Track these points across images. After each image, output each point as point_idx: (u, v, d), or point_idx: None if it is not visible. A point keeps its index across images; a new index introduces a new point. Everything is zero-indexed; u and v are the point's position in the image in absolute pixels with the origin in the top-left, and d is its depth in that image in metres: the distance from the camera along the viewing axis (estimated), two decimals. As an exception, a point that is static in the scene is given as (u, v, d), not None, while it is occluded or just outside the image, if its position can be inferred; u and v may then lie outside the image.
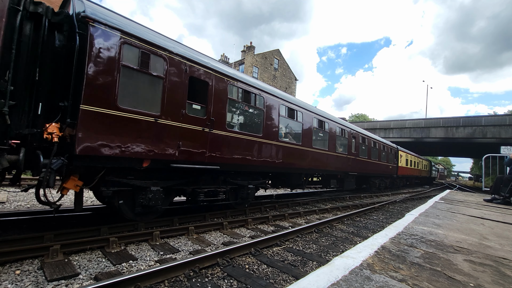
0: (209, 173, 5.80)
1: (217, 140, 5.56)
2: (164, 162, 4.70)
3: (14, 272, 2.94)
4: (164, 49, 4.64)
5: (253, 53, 35.04)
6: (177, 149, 4.81)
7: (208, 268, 3.33)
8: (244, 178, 6.70)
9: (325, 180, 11.27)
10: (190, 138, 5.04)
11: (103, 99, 3.83)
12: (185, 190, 5.46)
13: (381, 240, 2.33)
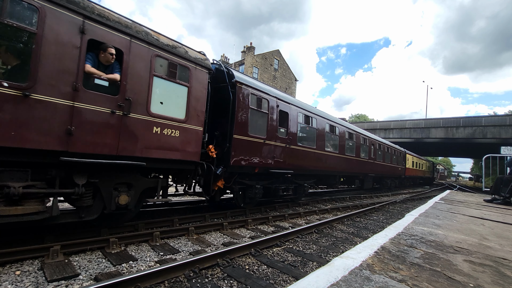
0: (285, 176, 7.84)
1: (293, 153, 7.82)
2: (265, 168, 6.90)
3: (14, 272, 2.94)
4: (266, 93, 6.95)
5: (253, 53, 35.06)
6: (273, 160, 7.07)
7: (208, 268, 3.33)
8: (302, 179, 8.82)
9: (349, 180, 13.40)
10: (279, 152, 7.31)
11: (242, 130, 6.14)
12: (270, 187, 7.55)
13: (381, 240, 2.33)
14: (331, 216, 7.63)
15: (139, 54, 4.15)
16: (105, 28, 3.80)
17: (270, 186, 7.47)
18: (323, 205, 9.58)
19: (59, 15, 3.37)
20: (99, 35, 3.75)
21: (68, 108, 3.41)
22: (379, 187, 17.85)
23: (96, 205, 4.01)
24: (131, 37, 4.07)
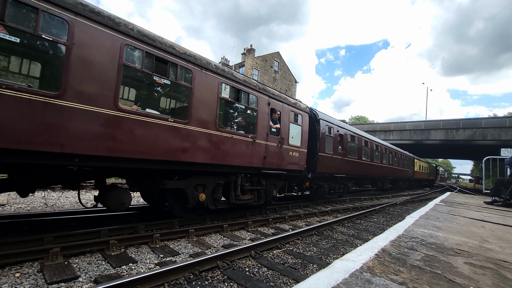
0: (338, 178, 11.07)
1: (345, 162, 11.15)
2: (331, 174, 10.10)
3: (14, 274, 2.94)
4: (332, 123, 10.17)
5: (253, 55, 35.15)
6: (335, 168, 10.25)
7: (208, 271, 3.32)
8: (347, 181, 12.24)
9: (373, 182, 16.59)
10: (338, 162, 10.53)
11: (323, 149, 9.29)
12: (331, 186, 10.78)
13: (381, 243, 2.33)
14: (331, 218, 7.62)
15: (286, 111, 7.46)
16: (276, 101, 7.11)
17: (331, 186, 10.74)
18: (323, 207, 9.56)
19: (263, 99, 6.66)
20: (273, 105, 7.01)
21: (264, 145, 6.69)
22: (391, 187, 20.82)
23: (265, 195, 7.14)
24: (283, 103, 7.39)
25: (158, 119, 4.45)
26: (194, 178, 5.39)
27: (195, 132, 4.99)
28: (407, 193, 20.40)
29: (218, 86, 5.44)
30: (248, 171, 6.41)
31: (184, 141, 4.81)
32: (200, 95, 5.10)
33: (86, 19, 3.68)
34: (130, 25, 4.19)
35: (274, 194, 7.44)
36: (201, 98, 5.10)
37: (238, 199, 6.27)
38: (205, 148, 5.18)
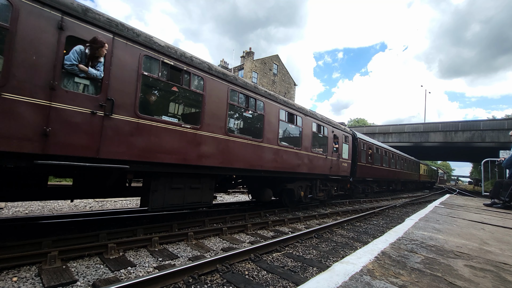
0: (369, 181, 15.10)
1: (373, 168, 14.65)
2: (364, 177, 13.42)
3: (11, 279, 2.91)
4: (366, 141, 13.54)
5: (252, 58, 35.29)
6: (366, 173, 13.55)
7: (208, 274, 3.30)
8: (373, 183, 15.91)
9: (389, 184, 20.06)
10: (368, 169, 13.84)
11: (360, 159, 12.70)
12: (365, 188, 14.71)
13: (381, 245, 2.32)
14: (330, 220, 7.60)
15: (341, 135, 10.63)
16: (336, 129, 10.32)
17: (362, 187, 14.50)
18: (323, 210, 9.54)
19: (329, 129, 10.06)
20: (335, 132, 10.33)
21: (330, 160, 9.94)
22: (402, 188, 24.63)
23: (328, 194, 10.40)
24: (339, 130, 10.59)
25: (293, 148, 7.83)
26: (298, 182, 8.56)
27: (302, 154, 8.23)
28: (407, 195, 20.43)
29: (312, 124, 8.81)
30: (321, 177, 9.69)
31: (299, 160, 8.13)
32: (306, 132, 8.49)
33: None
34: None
35: (333, 193, 10.93)
36: (307, 133, 8.50)
37: (317, 196, 9.65)
38: (306, 163, 8.41)
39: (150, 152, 4.32)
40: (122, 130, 3.99)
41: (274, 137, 6.98)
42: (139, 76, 4.17)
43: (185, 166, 4.91)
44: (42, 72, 3.26)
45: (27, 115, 3.15)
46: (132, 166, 4.15)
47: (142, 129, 4.22)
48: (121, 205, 7.84)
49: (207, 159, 5.23)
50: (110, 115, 3.83)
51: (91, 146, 3.65)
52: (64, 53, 3.49)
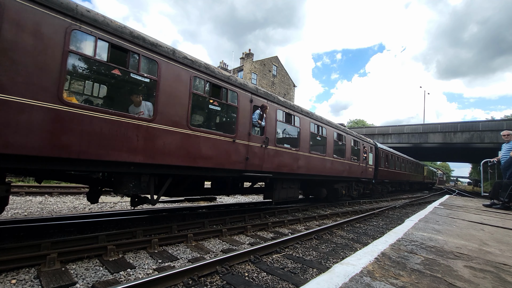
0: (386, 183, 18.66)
1: (390, 172, 17.81)
2: (382, 179, 16.82)
3: (10, 281, 2.90)
4: (384, 149, 17.01)
5: (251, 60, 35.34)
6: (384, 176, 16.68)
7: (207, 276, 3.29)
8: (388, 184, 19.20)
9: (400, 185, 23.71)
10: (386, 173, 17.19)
11: (380, 164, 15.54)
12: (383, 188, 18.18)
13: (381, 246, 2.32)
14: (330, 222, 7.60)
15: (368, 146, 13.76)
16: (365, 143, 13.56)
17: (381, 188, 17.66)
18: (323, 211, 9.54)
19: (362, 143, 13.16)
20: (364, 145, 13.24)
21: (362, 165, 12.89)
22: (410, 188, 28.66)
23: (359, 192, 13.85)
24: (369, 143, 14.04)
25: (340, 159, 10.49)
26: (341, 183, 11.60)
27: (345, 162, 10.97)
28: (406, 196, 20.44)
29: (351, 140, 11.64)
30: (355, 180, 12.68)
31: (344, 167, 10.85)
32: (348, 146, 11.19)
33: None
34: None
35: (361, 192, 14.06)
36: (348, 147, 11.23)
37: (352, 194, 12.82)
38: (347, 169, 11.13)
39: (280, 166, 7.23)
40: (270, 154, 6.92)
41: (330, 152, 9.88)
42: (276, 122, 7.14)
43: (291, 174, 7.76)
44: (247, 128, 6.18)
45: (243, 151, 6.10)
46: (274, 174, 7.08)
47: (279, 153, 7.22)
48: (120, 206, 7.82)
49: (299, 169, 8.01)
50: (266, 147, 6.74)
51: (260, 164, 6.60)
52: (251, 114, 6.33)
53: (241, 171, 6.11)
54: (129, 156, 4.07)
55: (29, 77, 3.18)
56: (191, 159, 4.95)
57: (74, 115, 3.52)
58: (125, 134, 4.02)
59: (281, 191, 7.69)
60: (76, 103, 3.73)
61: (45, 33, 3.31)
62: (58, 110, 3.40)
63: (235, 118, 5.90)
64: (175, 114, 4.66)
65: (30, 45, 3.20)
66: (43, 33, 3.30)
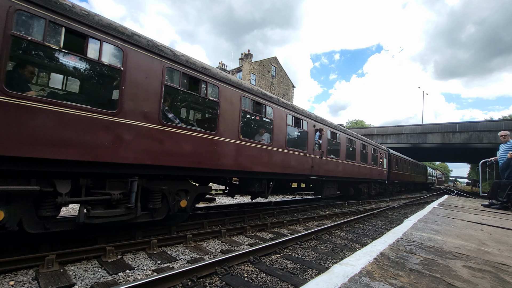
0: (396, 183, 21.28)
1: (399, 174, 20.42)
2: (393, 180, 19.20)
3: (8, 283, 2.89)
4: (394, 154, 19.28)
5: (250, 60, 35.37)
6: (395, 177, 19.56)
7: (206, 277, 3.29)
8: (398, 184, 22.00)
9: (406, 185, 25.83)
10: (396, 175, 19.68)
11: (391, 168, 18.07)
12: (393, 188, 21.00)
13: (380, 247, 2.32)
14: (329, 222, 7.60)
15: (383, 153, 16.36)
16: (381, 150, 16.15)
17: (392, 188, 19.98)
18: (322, 211, 9.54)
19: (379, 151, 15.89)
20: (380, 152, 15.58)
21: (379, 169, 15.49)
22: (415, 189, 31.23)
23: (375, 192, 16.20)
24: (383, 150, 16.30)
25: (365, 164, 12.91)
26: (364, 184, 13.74)
27: (368, 167, 13.34)
28: (405, 196, 20.49)
29: (371, 149, 13.97)
30: (374, 181, 15.03)
31: (366, 170, 13.20)
32: (369, 154, 13.47)
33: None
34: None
35: (377, 191, 16.26)
36: (369, 155, 13.55)
37: (371, 193, 14.98)
38: (368, 172, 13.48)
39: (328, 171, 9.51)
40: (323, 163, 9.14)
41: (358, 158, 12.12)
42: (327, 139, 9.47)
43: (333, 177, 10.06)
44: (312, 145, 8.43)
45: (310, 162, 8.30)
46: (326, 178, 9.48)
47: (328, 162, 9.48)
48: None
49: (338, 173, 10.28)
50: (322, 158, 8.97)
51: (318, 170, 8.82)
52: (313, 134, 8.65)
53: (309, 175, 8.46)
54: (261, 168, 6.47)
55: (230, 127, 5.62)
56: (285, 168, 7.26)
57: (246, 147, 6.03)
58: (260, 154, 6.42)
59: (327, 190, 10.16)
60: (246, 139, 6.01)
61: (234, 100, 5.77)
62: (238, 144, 5.83)
63: (307, 139, 8.32)
64: (280, 140, 7.04)
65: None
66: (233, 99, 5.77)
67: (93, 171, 3.76)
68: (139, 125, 4.09)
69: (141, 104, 4.13)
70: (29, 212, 3.36)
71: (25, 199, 3.29)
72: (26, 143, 3.10)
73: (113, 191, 3.93)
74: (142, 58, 4.19)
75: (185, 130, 4.75)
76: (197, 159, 4.91)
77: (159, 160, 4.34)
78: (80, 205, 3.72)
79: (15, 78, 3.29)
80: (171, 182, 4.84)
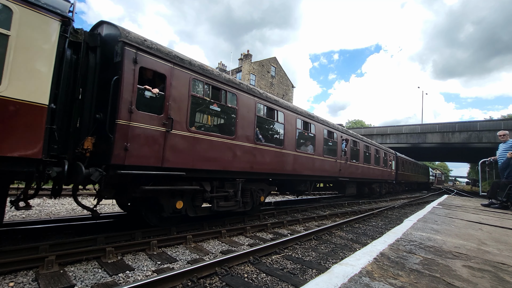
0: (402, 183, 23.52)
1: (405, 175, 22.94)
2: (400, 180, 21.70)
3: (8, 284, 2.88)
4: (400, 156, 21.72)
5: (250, 61, 35.39)
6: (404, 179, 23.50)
7: (207, 277, 3.29)
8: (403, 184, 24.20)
9: (411, 185, 28.47)
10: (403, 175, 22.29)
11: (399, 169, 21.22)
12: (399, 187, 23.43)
13: (380, 246, 2.32)
14: (329, 222, 7.60)
15: (392, 156, 18.60)
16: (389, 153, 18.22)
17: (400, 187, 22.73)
18: (322, 211, 9.54)
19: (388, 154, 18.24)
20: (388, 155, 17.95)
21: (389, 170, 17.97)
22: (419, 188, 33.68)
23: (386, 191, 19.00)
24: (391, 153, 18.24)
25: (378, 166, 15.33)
26: (377, 183, 16.01)
27: (379, 169, 15.51)
28: (405, 196, 20.51)
29: (382, 153, 16.07)
30: (384, 181, 16.97)
31: (379, 172, 15.47)
32: (381, 158, 15.66)
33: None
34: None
35: (387, 190, 18.42)
36: (381, 158, 15.80)
37: (382, 192, 16.90)
38: (381, 173, 15.77)
39: (351, 173, 11.52)
40: (347, 166, 11.14)
41: (373, 162, 14.29)
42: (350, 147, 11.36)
43: (353, 178, 12.01)
44: (340, 153, 10.53)
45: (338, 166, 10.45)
46: (349, 179, 11.54)
47: (351, 165, 11.51)
48: (119, 209, 7.79)
49: (358, 175, 12.34)
50: (347, 162, 11.09)
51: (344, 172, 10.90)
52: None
53: (337, 177, 10.48)
54: (307, 172, 8.38)
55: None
56: (322, 171, 9.24)
57: (299, 156, 7.90)
58: (307, 161, 8.37)
59: (349, 189, 12.25)
60: (299, 150, 7.96)
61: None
62: (295, 154, 7.76)
63: (336, 148, 10.25)
64: (319, 149, 8.99)
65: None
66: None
67: (221, 176, 5.71)
68: (244, 144, 6.10)
69: (245, 130, 6.16)
70: (189, 203, 5.33)
71: (189, 195, 5.28)
72: (196, 159, 5.03)
73: (229, 190, 5.89)
74: (245, 98, 6.22)
75: (267, 146, 6.78)
76: (273, 166, 6.96)
77: (253, 168, 6.33)
78: (213, 199, 5.59)
79: (192, 121, 5.22)
80: (255, 183, 6.76)
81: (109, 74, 4.10)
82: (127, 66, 4.03)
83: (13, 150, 3.04)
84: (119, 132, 3.92)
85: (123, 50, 4.01)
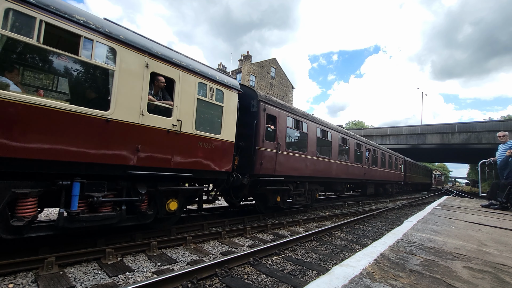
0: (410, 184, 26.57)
1: (411, 177, 25.59)
2: (406, 182, 24.41)
3: (7, 286, 2.87)
4: (407, 159, 23.83)
5: (250, 62, 35.42)
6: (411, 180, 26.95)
7: (207, 279, 3.28)
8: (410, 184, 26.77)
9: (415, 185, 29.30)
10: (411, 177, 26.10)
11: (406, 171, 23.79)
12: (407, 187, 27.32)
13: (380, 248, 2.32)
14: (329, 223, 7.60)
15: (401, 160, 21.58)
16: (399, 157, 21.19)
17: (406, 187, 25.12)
18: (322, 212, 9.54)
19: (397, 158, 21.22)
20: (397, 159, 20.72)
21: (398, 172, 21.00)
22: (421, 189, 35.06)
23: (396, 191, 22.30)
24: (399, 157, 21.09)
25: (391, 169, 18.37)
26: (389, 184, 18.90)
27: (392, 172, 18.36)
28: (405, 197, 20.51)
29: (393, 158, 18.96)
30: (394, 182, 19.61)
31: (392, 174, 18.37)
32: (392, 163, 18.51)
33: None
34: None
35: (397, 190, 20.86)
36: (393, 163, 18.63)
37: (393, 192, 19.71)
38: (393, 175, 18.75)
39: (372, 176, 14.40)
40: (368, 170, 13.84)
41: (387, 166, 16.67)
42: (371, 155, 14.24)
43: (372, 180, 14.52)
44: (364, 160, 13.32)
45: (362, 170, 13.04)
46: (371, 181, 14.34)
47: (372, 170, 14.43)
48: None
49: (375, 177, 14.81)
50: (369, 167, 13.90)
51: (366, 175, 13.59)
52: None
53: (362, 179, 13.02)
54: (344, 176, 10.76)
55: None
56: (353, 175, 11.79)
57: (339, 164, 10.45)
58: (344, 167, 10.75)
59: (369, 189, 14.74)
60: (340, 160, 10.50)
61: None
62: (337, 162, 10.32)
63: (362, 156, 12.71)
64: (351, 157, 11.43)
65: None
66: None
67: (298, 180, 8.19)
68: (311, 157, 8.63)
69: (311, 147, 8.67)
70: (282, 198, 7.76)
71: (284, 192, 7.84)
72: (289, 169, 7.67)
73: (301, 189, 8.35)
74: (311, 125, 8.80)
75: (322, 158, 9.22)
76: (325, 172, 9.45)
77: (315, 173, 8.88)
78: (293, 195, 8.19)
79: (287, 144, 7.71)
80: (314, 185, 9.10)
81: (246, 118, 6.60)
82: (261, 114, 6.64)
83: (223, 167, 5.58)
84: (257, 154, 6.47)
85: (258, 104, 6.66)
